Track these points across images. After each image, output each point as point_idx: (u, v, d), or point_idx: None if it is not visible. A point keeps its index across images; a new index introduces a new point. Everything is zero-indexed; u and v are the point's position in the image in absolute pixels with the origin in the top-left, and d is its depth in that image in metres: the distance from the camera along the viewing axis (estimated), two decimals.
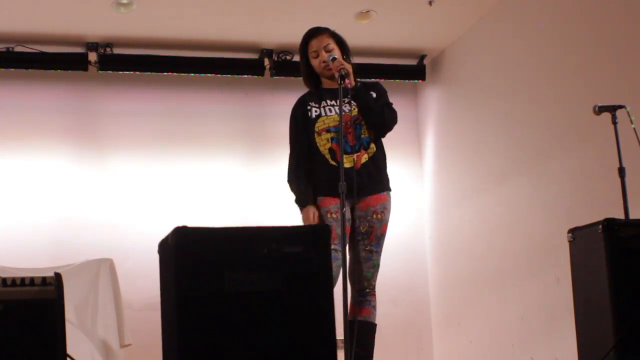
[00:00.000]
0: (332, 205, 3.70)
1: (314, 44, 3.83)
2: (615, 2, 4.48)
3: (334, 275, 3.14)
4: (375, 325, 3.72)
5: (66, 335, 2.58)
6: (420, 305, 6.52)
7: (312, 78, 3.91)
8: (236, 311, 2.59)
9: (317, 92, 3.89)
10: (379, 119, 3.78)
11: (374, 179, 3.76)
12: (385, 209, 3.77)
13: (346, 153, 3.67)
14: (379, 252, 3.74)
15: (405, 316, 6.46)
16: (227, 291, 2.58)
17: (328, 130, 3.76)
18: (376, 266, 3.72)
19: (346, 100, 3.68)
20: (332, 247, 3.07)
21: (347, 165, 3.62)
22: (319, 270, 2.69)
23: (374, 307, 3.71)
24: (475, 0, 5.57)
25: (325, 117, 3.78)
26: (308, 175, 3.79)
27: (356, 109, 3.75)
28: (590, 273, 3.13)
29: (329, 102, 3.82)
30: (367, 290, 3.70)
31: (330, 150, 3.75)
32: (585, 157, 4.60)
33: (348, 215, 3.72)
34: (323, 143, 3.77)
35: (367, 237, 3.71)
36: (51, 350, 2.54)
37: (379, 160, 3.81)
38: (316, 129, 3.78)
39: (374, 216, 3.72)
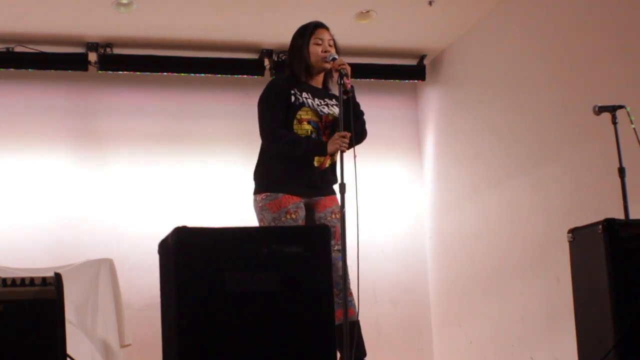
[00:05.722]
0: (291, 204, 3.68)
1: (321, 33, 3.84)
2: (616, 2, 4.48)
3: None
4: (359, 321, 3.71)
5: (66, 335, 2.58)
6: (420, 305, 6.51)
7: (303, 65, 3.82)
8: (236, 311, 2.59)
9: (300, 81, 3.81)
10: (360, 130, 3.77)
11: (329, 181, 3.77)
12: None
13: None
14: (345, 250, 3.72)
15: (405, 316, 6.46)
16: (227, 291, 2.58)
17: (309, 123, 3.73)
18: (345, 263, 3.69)
19: (333, 102, 3.78)
20: None
21: (315, 164, 3.70)
22: (319, 270, 2.70)
23: (354, 305, 3.71)
24: (475, 0, 5.57)
25: (309, 109, 3.74)
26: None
27: (336, 112, 3.74)
28: (590, 273, 3.13)
29: (310, 96, 3.79)
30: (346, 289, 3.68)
31: None
32: (585, 157, 4.60)
33: (303, 214, 3.72)
34: (302, 133, 3.71)
35: (333, 238, 3.61)
36: (51, 350, 2.54)
37: (336, 166, 3.77)
38: (298, 116, 3.72)
39: (333, 216, 3.71)
